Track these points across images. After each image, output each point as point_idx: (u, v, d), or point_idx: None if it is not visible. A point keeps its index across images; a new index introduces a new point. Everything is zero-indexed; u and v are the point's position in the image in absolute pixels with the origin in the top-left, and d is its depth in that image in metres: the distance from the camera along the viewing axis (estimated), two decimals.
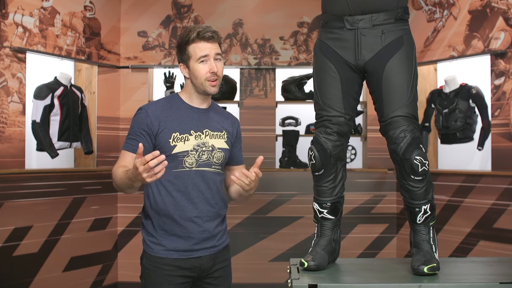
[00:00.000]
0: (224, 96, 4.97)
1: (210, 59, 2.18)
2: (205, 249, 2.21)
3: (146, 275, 2.19)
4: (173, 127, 2.17)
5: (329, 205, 2.18)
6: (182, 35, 2.20)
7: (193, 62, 2.18)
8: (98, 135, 4.78)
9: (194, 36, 2.16)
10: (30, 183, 4.18)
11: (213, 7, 5.12)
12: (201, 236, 2.19)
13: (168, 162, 2.10)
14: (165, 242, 2.17)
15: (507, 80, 4.17)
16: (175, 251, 2.17)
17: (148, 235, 2.21)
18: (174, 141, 2.16)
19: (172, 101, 2.24)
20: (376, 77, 2.09)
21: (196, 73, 2.18)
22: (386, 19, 2.08)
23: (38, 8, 4.30)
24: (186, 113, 2.21)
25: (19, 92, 4.12)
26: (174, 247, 2.17)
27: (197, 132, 2.20)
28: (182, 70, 2.23)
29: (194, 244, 2.18)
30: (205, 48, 2.18)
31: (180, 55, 2.22)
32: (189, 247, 2.18)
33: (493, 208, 4.23)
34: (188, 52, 2.18)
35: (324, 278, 1.95)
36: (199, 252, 2.19)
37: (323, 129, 2.15)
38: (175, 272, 2.16)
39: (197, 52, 2.17)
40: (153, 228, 2.20)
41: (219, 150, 2.25)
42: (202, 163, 2.20)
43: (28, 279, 4.15)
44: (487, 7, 4.34)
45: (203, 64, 2.17)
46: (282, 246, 4.92)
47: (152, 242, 2.19)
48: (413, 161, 2.02)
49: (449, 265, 2.16)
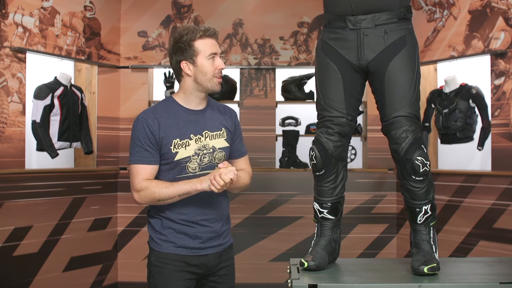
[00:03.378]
0: (224, 96, 4.97)
1: (217, 56, 2.19)
2: (212, 247, 2.24)
3: (155, 273, 2.20)
4: (173, 133, 2.16)
5: (329, 205, 2.17)
6: (183, 33, 2.16)
7: (201, 59, 2.16)
8: (98, 135, 4.78)
9: (202, 33, 2.15)
10: (30, 183, 4.18)
11: (213, 7, 5.12)
12: (208, 236, 2.23)
13: (171, 168, 2.15)
14: (175, 239, 2.19)
15: (507, 80, 4.17)
16: (184, 248, 2.19)
17: (156, 233, 2.22)
18: (175, 147, 2.16)
19: (168, 106, 2.22)
20: (378, 77, 2.09)
21: (205, 69, 2.16)
22: (389, 18, 2.07)
23: (38, 8, 4.30)
24: (184, 117, 2.20)
25: (19, 92, 4.12)
26: (183, 244, 2.19)
27: (196, 136, 2.20)
28: (185, 68, 2.18)
29: (201, 243, 2.21)
30: (214, 44, 2.19)
31: (182, 53, 2.17)
32: (197, 245, 2.21)
33: (493, 208, 4.23)
34: (195, 48, 2.15)
35: (324, 278, 1.95)
36: (206, 250, 2.22)
37: (325, 130, 2.15)
38: (184, 268, 2.19)
39: (207, 48, 2.16)
40: (161, 227, 2.21)
41: (220, 150, 2.25)
42: (204, 166, 2.21)
43: (28, 279, 4.15)
44: (487, 7, 4.34)
45: (212, 61, 2.17)
46: (282, 246, 4.92)
47: (161, 240, 2.20)
48: (415, 161, 2.02)
49: (449, 265, 2.16)
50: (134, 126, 2.18)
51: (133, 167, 2.16)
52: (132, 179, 2.16)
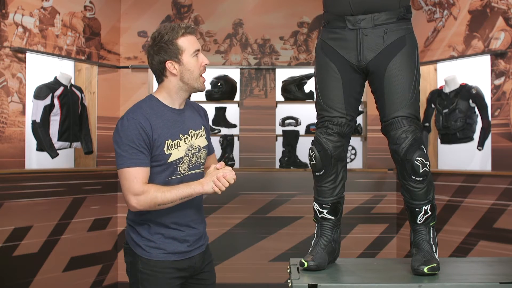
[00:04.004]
0: (224, 96, 4.97)
1: (200, 53, 2.14)
2: (196, 249, 2.23)
3: (145, 281, 2.14)
4: (164, 134, 2.09)
5: (329, 205, 2.17)
6: (164, 33, 2.08)
7: (187, 56, 2.10)
8: (98, 135, 4.78)
9: (183, 30, 2.09)
10: (30, 183, 4.18)
11: (213, 7, 5.12)
12: (194, 238, 2.21)
13: (163, 170, 2.10)
14: (164, 245, 2.14)
15: (507, 80, 4.17)
16: (173, 253, 2.16)
17: (144, 240, 2.14)
18: (168, 149, 2.10)
19: (153, 106, 2.13)
20: (378, 77, 2.09)
21: (191, 67, 2.11)
22: (388, 18, 2.07)
23: (38, 8, 4.30)
24: (170, 117, 2.13)
25: (19, 92, 4.12)
26: (172, 250, 2.15)
27: (185, 136, 2.15)
28: (170, 68, 2.10)
29: (188, 246, 2.19)
30: (196, 41, 2.13)
31: (165, 52, 2.08)
32: (185, 248, 2.18)
33: (493, 208, 4.23)
34: (179, 47, 2.08)
35: (324, 278, 1.95)
36: (192, 252, 2.21)
37: (324, 130, 2.15)
38: (174, 274, 2.16)
39: (190, 45, 2.10)
40: (149, 233, 2.14)
41: (203, 149, 2.23)
42: (192, 166, 2.18)
43: (28, 279, 4.15)
44: (487, 7, 4.34)
45: (196, 58, 2.12)
46: (282, 246, 4.92)
47: (149, 247, 2.14)
48: (414, 162, 2.02)
49: (449, 265, 2.16)
50: (124, 127, 2.05)
51: (128, 170, 2.04)
52: (130, 183, 2.04)
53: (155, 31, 2.13)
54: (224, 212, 4.85)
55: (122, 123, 2.07)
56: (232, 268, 4.89)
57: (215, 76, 5.01)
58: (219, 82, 4.97)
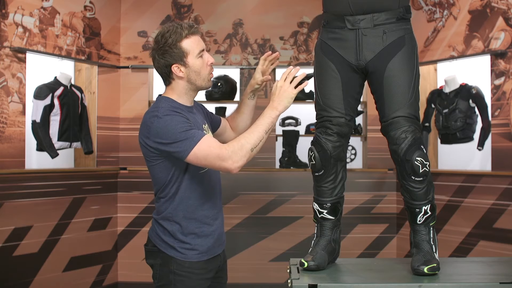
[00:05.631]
0: (224, 96, 4.97)
1: (205, 52, 2.13)
2: (220, 246, 2.23)
3: (178, 282, 2.10)
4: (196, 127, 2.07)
5: (329, 206, 2.18)
6: (167, 35, 2.05)
7: (192, 58, 2.07)
8: (98, 135, 4.78)
9: (186, 31, 2.06)
10: (30, 183, 4.18)
11: (213, 7, 5.12)
12: (220, 231, 2.21)
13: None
14: (198, 246, 2.12)
15: (507, 80, 4.17)
16: (205, 252, 2.14)
17: (178, 242, 2.10)
18: None
19: (172, 104, 2.10)
20: (377, 77, 2.09)
21: (197, 68, 2.09)
22: (388, 18, 2.07)
23: (38, 8, 4.30)
24: (189, 115, 2.11)
25: (19, 92, 4.12)
26: (205, 249, 2.14)
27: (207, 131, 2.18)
28: (176, 71, 2.07)
29: (215, 241, 2.18)
30: (200, 41, 2.11)
31: (170, 56, 2.06)
32: (213, 243, 2.17)
33: (493, 208, 4.23)
34: (184, 49, 2.05)
35: (324, 278, 1.95)
36: (219, 249, 2.22)
37: (323, 130, 2.15)
38: (206, 275, 2.16)
39: (194, 47, 2.08)
40: (182, 234, 2.11)
41: None
42: None
43: (28, 279, 4.15)
44: (487, 7, 4.34)
45: (201, 59, 2.10)
46: (282, 246, 4.92)
47: (185, 248, 2.11)
48: (414, 162, 2.02)
49: (449, 265, 2.16)
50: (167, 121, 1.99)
51: (200, 147, 1.95)
52: (214, 151, 1.95)
53: (158, 34, 2.09)
54: (224, 212, 4.82)
55: (160, 121, 2.00)
56: (232, 268, 4.82)
57: (215, 76, 5.00)
58: (219, 82, 4.97)
